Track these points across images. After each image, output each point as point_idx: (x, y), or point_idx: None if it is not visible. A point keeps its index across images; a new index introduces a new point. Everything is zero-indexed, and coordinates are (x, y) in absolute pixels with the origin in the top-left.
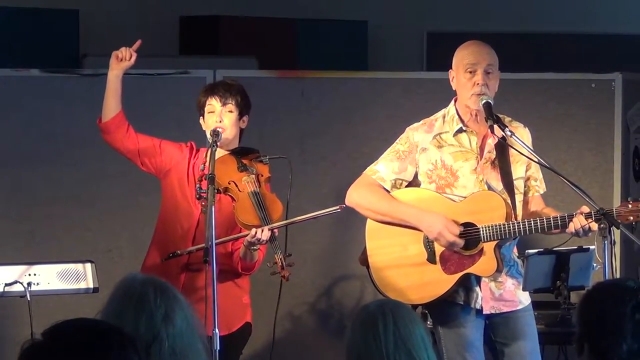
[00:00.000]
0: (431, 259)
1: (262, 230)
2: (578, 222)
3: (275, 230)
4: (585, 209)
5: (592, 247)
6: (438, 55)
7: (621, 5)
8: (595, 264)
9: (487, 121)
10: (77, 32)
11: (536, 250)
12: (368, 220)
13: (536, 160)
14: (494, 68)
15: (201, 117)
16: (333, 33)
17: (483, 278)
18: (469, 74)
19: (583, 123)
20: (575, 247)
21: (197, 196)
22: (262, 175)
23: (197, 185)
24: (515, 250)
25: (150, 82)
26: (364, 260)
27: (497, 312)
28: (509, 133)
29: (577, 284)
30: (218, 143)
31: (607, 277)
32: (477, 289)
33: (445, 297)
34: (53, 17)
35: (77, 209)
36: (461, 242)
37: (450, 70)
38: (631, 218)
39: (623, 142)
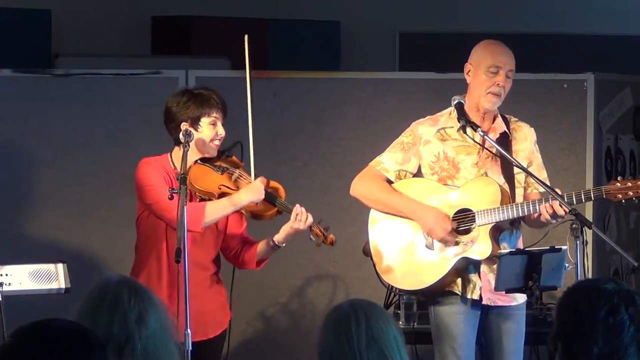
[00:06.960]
0: (429, 244)
1: (304, 214)
2: (550, 206)
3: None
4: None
5: (564, 247)
6: (410, 56)
7: (593, 5)
8: (567, 264)
9: (459, 121)
10: (49, 32)
11: (508, 251)
12: (371, 209)
13: (510, 160)
14: (513, 73)
15: (185, 124)
16: (305, 33)
17: (482, 269)
18: (491, 73)
19: (555, 123)
20: (547, 247)
21: (170, 197)
22: (241, 167)
23: (170, 188)
24: (520, 243)
25: (122, 82)
26: (368, 251)
27: (493, 304)
28: (481, 133)
29: (549, 284)
30: (190, 143)
31: (579, 277)
32: (476, 278)
33: (443, 284)
34: (25, 16)
35: (49, 209)
36: (452, 239)
37: (466, 63)
38: (619, 196)
39: (595, 142)
